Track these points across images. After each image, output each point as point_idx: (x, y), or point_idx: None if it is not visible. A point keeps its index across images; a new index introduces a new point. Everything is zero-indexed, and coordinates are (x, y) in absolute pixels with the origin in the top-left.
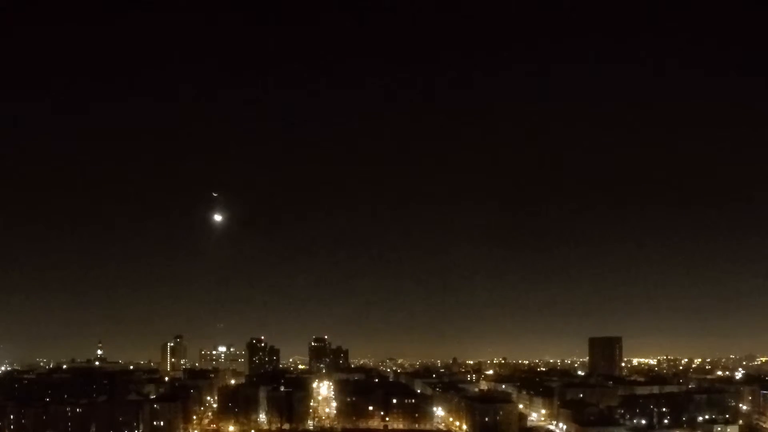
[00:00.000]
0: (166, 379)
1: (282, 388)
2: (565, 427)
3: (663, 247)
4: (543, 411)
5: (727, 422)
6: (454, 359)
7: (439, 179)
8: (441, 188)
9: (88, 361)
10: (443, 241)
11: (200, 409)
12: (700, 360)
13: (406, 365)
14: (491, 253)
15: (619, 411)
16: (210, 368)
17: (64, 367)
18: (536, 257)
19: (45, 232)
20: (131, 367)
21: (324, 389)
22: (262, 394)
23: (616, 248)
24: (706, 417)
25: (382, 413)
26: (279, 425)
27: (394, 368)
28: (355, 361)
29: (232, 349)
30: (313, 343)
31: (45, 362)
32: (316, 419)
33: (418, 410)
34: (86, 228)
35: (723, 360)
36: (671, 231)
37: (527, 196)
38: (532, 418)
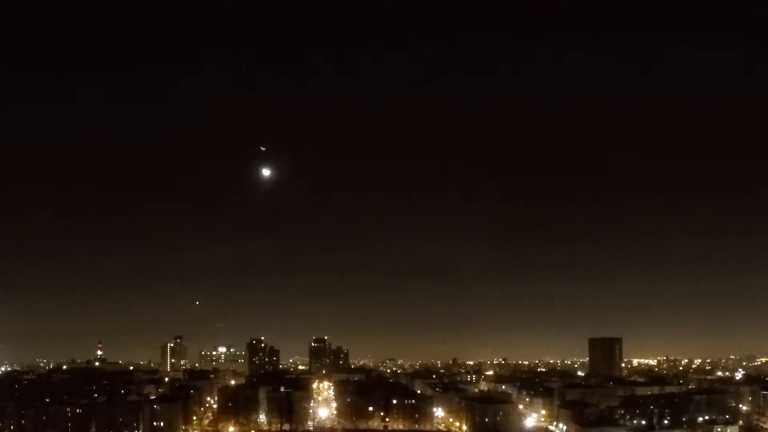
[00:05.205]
0: (166, 379)
1: (282, 389)
2: (565, 427)
3: (663, 247)
4: (543, 411)
5: (727, 423)
6: (454, 360)
7: (439, 179)
8: (441, 188)
9: (88, 361)
10: (443, 241)
11: (200, 409)
12: (700, 360)
13: (406, 365)
14: (491, 253)
15: (619, 411)
16: (210, 369)
17: (64, 367)
18: (536, 257)
19: (44, 232)
20: (131, 367)
21: (324, 390)
22: (262, 395)
23: (617, 248)
24: (706, 417)
25: (382, 414)
26: (279, 426)
27: (394, 368)
28: (355, 362)
29: (232, 350)
30: (313, 344)
31: (45, 363)
32: (316, 420)
33: (418, 411)
34: (86, 227)
35: (723, 360)
36: (672, 231)
37: (527, 196)
38: (532, 419)
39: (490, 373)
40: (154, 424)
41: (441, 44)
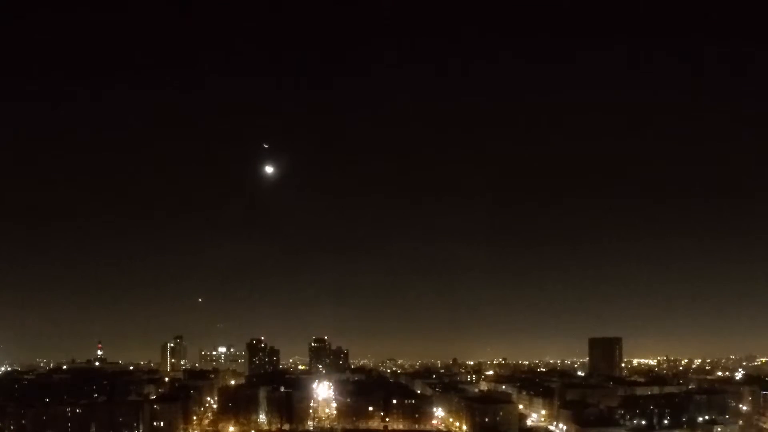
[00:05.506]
0: (166, 379)
1: (282, 389)
2: (565, 427)
3: (663, 247)
4: (543, 411)
5: (727, 423)
6: (454, 360)
7: (439, 178)
8: (440, 187)
9: (88, 361)
10: (443, 241)
11: (200, 409)
12: (700, 360)
13: (406, 365)
14: (491, 253)
15: (619, 411)
16: (210, 369)
17: (64, 367)
18: (536, 257)
19: (44, 231)
20: (131, 367)
21: (324, 390)
22: (262, 395)
23: (617, 248)
24: (706, 417)
25: (382, 414)
26: (279, 426)
27: (394, 368)
28: (355, 362)
29: (232, 350)
30: (313, 344)
31: (45, 363)
32: (316, 420)
33: (418, 411)
34: (86, 227)
35: (723, 360)
36: (672, 230)
37: (527, 195)
38: (532, 419)
39: (490, 373)
40: (154, 424)
41: (441, 43)
